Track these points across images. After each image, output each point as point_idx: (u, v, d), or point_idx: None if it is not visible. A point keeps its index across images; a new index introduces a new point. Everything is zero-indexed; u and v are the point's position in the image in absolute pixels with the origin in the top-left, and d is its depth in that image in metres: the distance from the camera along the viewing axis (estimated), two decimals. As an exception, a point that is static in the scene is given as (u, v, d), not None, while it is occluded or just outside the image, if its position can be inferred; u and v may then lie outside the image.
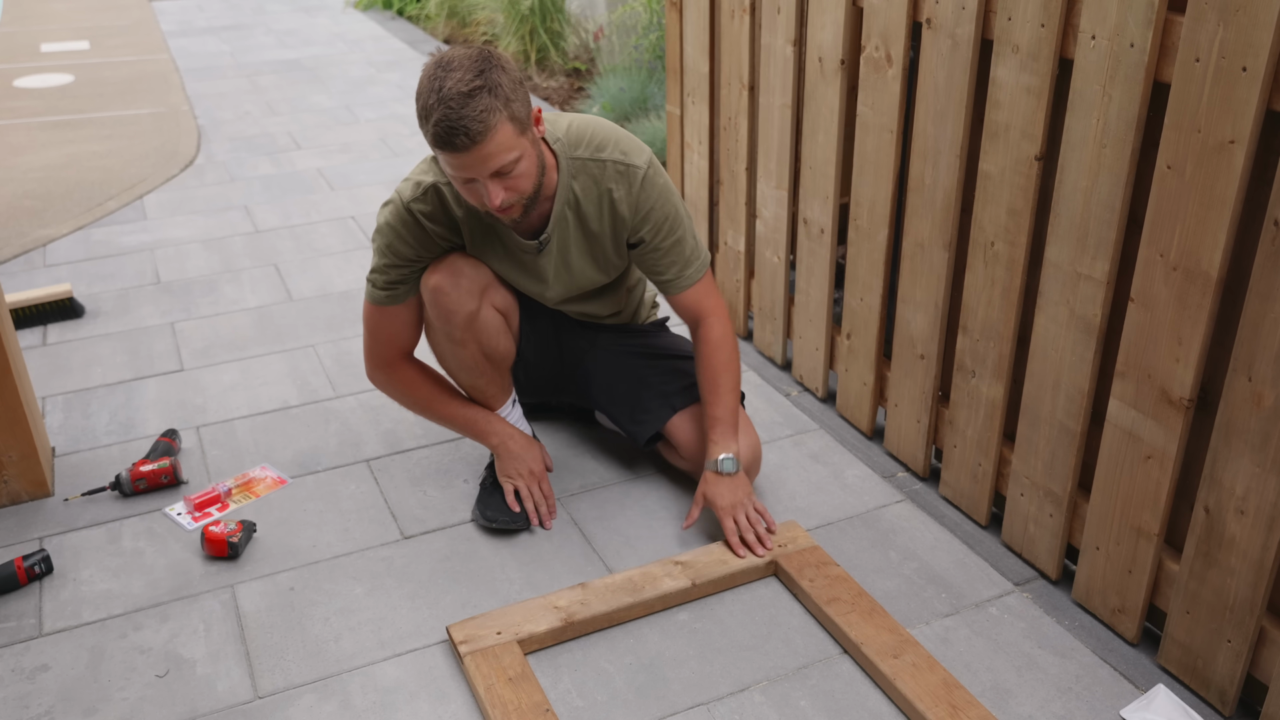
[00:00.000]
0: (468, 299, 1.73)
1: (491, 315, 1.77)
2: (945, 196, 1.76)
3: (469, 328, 1.75)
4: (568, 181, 1.68)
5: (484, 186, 1.52)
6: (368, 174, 3.68)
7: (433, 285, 1.72)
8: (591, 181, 1.69)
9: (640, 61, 4.32)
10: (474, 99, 1.44)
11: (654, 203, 1.71)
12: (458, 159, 1.48)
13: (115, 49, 5.77)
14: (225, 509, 1.92)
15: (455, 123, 1.44)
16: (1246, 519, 1.36)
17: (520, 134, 1.51)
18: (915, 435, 1.98)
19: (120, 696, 1.52)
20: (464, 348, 1.77)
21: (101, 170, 3.74)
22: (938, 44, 1.69)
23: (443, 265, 1.73)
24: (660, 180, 1.72)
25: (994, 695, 1.50)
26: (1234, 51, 1.23)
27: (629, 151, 1.69)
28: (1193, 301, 1.36)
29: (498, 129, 1.46)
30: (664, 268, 1.76)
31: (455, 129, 1.44)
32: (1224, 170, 1.28)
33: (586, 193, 1.69)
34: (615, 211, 1.71)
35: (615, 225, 1.73)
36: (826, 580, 1.66)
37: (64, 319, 2.63)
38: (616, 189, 1.69)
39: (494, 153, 1.48)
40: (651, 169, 1.70)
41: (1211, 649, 1.46)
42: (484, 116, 1.45)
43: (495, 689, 1.47)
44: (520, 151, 1.51)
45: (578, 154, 1.68)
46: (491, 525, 1.82)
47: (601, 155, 1.68)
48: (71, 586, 1.73)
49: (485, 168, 1.49)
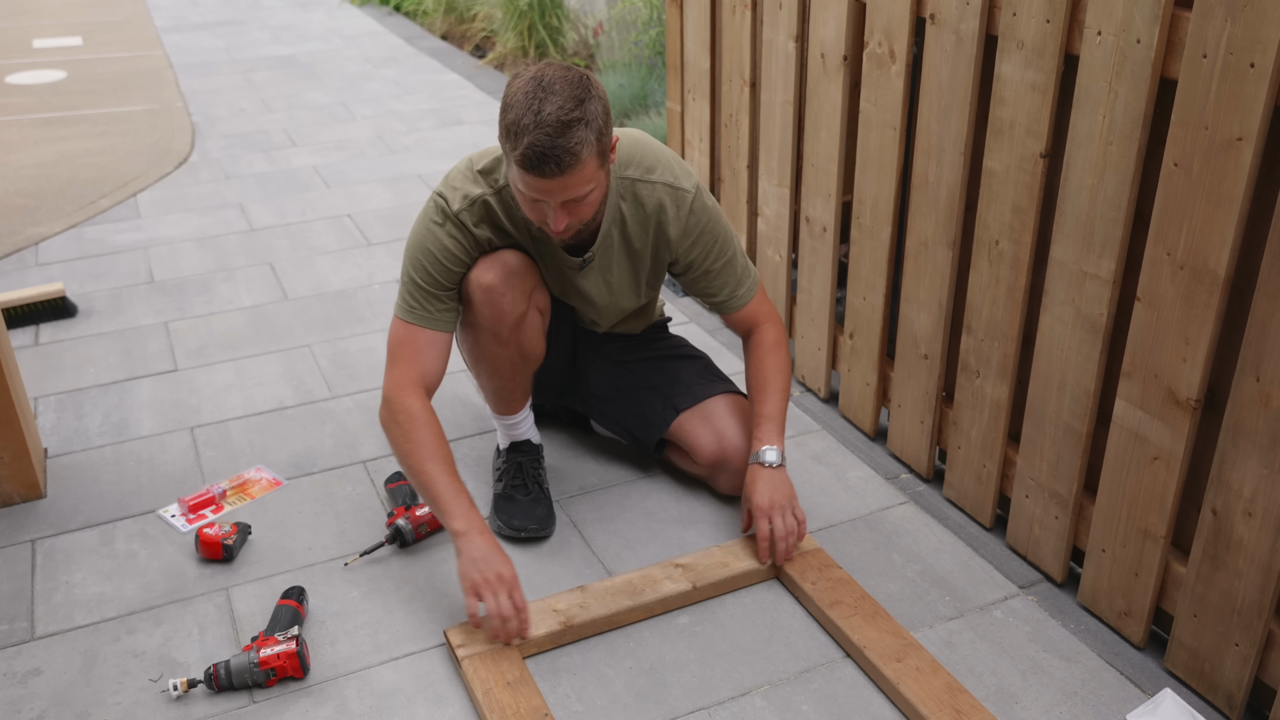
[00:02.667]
0: (520, 300, 1.69)
1: (536, 317, 1.75)
2: (949, 194, 1.74)
3: (516, 328, 1.71)
4: (615, 201, 1.66)
5: (551, 210, 1.50)
6: (364, 171, 3.67)
7: (486, 284, 1.65)
8: (639, 203, 1.67)
9: (640, 57, 4.30)
10: (571, 130, 1.41)
11: (703, 226, 1.70)
12: (540, 184, 1.45)
13: (108, 45, 5.74)
14: (220, 510, 1.90)
15: (549, 150, 1.41)
16: (1254, 521, 1.35)
17: (600, 167, 1.49)
18: (919, 436, 1.96)
19: (113, 701, 1.50)
20: (507, 348, 1.73)
21: (94, 168, 3.71)
22: (941, 39, 1.68)
23: (494, 263, 1.66)
24: (708, 204, 1.71)
25: (999, 699, 1.49)
26: (1242, 47, 1.22)
27: (679, 175, 1.69)
28: (1200, 301, 1.35)
29: (586, 163, 1.45)
30: (717, 289, 1.77)
31: (547, 156, 1.41)
32: (1232, 168, 1.27)
33: (634, 213, 1.68)
34: (661, 234, 1.70)
35: (658, 248, 1.72)
36: (829, 583, 1.65)
37: (56, 318, 2.61)
38: (665, 212, 1.68)
39: (575, 184, 1.46)
40: (699, 193, 1.70)
41: (1219, 653, 1.45)
42: (577, 149, 1.42)
43: (493, 693, 1.46)
44: (596, 184, 1.50)
45: (627, 174, 1.66)
46: (520, 535, 1.80)
47: (651, 177, 1.67)
48: (64, 589, 1.72)
49: (561, 196, 1.47)
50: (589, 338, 1.94)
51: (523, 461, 1.88)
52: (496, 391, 1.83)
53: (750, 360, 1.80)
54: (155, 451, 2.09)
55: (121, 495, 1.95)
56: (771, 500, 1.69)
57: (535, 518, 1.81)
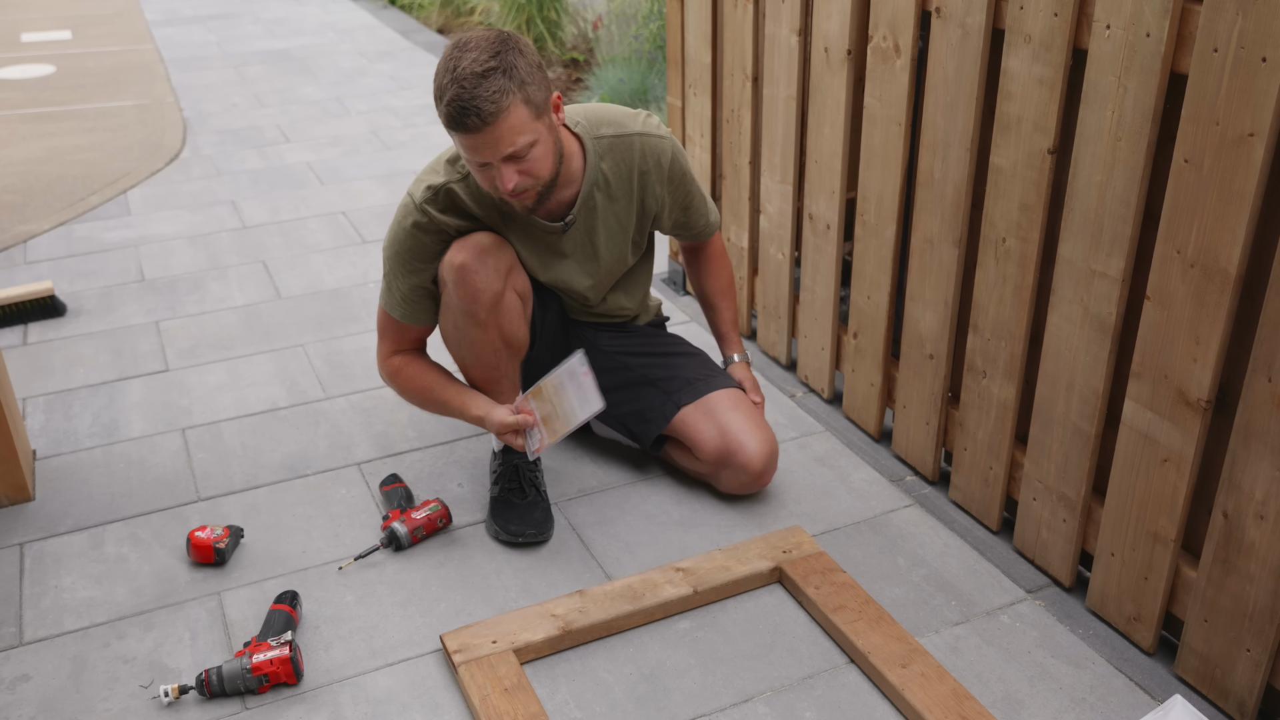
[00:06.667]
0: (495, 278, 1.69)
1: (513, 299, 1.75)
2: (955, 191, 1.72)
3: (494, 309, 1.70)
4: (595, 162, 1.70)
5: (497, 170, 1.52)
6: (359, 168, 3.64)
7: (459, 263, 1.67)
8: (619, 158, 1.72)
9: (640, 52, 4.28)
10: (488, 79, 1.45)
11: (684, 169, 1.81)
12: (469, 140, 1.49)
13: (98, 39, 5.69)
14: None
15: (468, 102, 1.44)
16: (1266, 524, 1.34)
17: (535, 118, 1.51)
18: (924, 438, 1.94)
19: (103, 708, 1.48)
20: (486, 331, 1.72)
21: (84, 164, 3.68)
22: (947, 33, 1.66)
23: (468, 243, 1.68)
24: (681, 150, 1.82)
25: (1005, 706, 1.47)
26: (1253, 41, 1.21)
27: (653, 126, 1.76)
28: (1211, 299, 1.33)
29: (511, 110, 1.46)
30: (694, 221, 1.90)
31: (467, 109, 1.45)
32: (1243, 164, 1.25)
33: (616, 170, 1.73)
34: (646, 184, 1.76)
35: (644, 199, 1.78)
36: (832, 587, 1.63)
37: (45, 318, 2.59)
38: (647, 161, 1.74)
39: (506, 134, 1.48)
40: (674, 139, 1.79)
41: (1230, 658, 1.43)
42: (497, 97, 1.45)
43: (490, 700, 1.44)
44: (535, 136, 1.51)
45: (602, 133, 1.70)
46: (517, 541, 1.78)
47: (627, 130, 1.72)
48: (53, 594, 1.69)
49: (498, 150, 1.49)
50: (582, 331, 1.93)
51: (519, 464, 1.85)
52: (481, 382, 1.82)
53: (705, 271, 2.00)
54: (146, 453, 2.06)
55: (111, 498, 1.93)
56: (740, 379, 1.93)
57: (533, 522, 1.79)
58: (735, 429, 1.81)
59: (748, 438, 1.80)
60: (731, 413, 1.82)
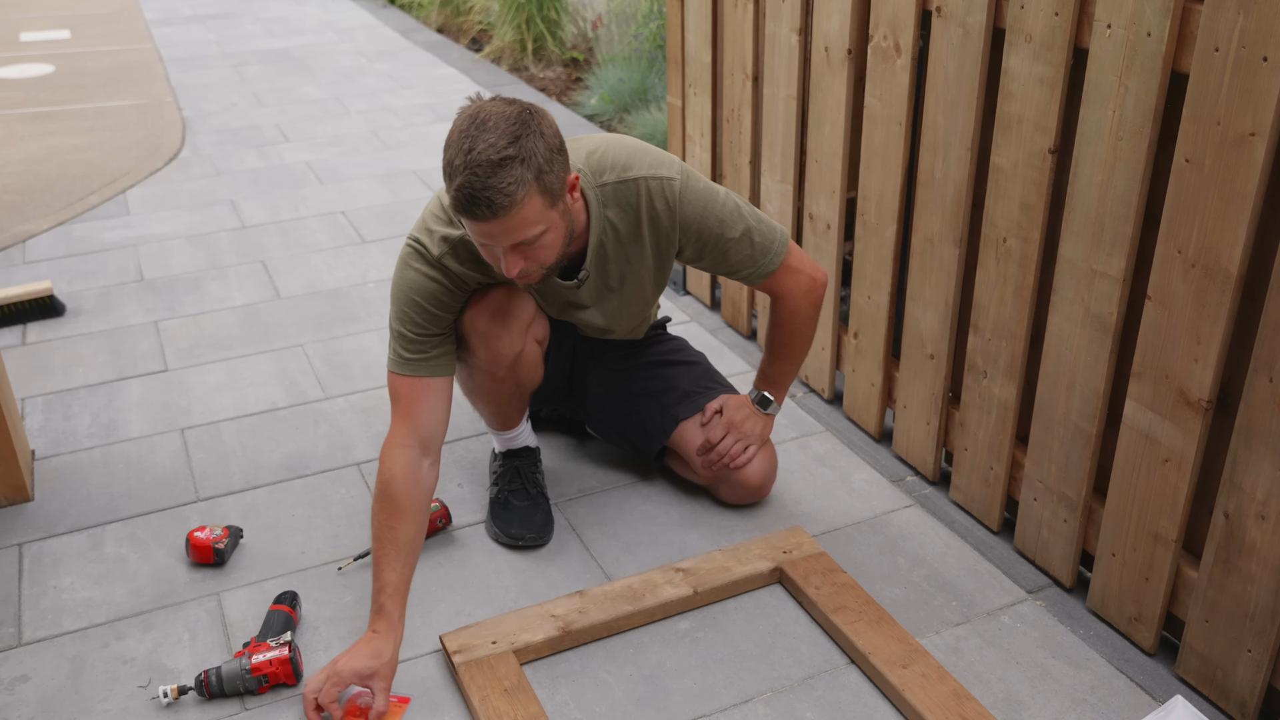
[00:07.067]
0: (517, 340, 1.65)
1: (533, 350, 1.71)
2: (956, 191, 1.72)
3: (514, 365, 1.68)
4: (600, 213, 1.58)
5: (503, 256, 1.42)
6: (358, 168, 3.63)
7: (482, 330, 1.61)
8: (624, 205, 1.59)
9: (640, 51, 4.28)
10: (503, 169, 1.33)
11: (699, 210, 1.62)
12: (477, 227, 1.39)
13: (97, 38, 5.69)
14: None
15: (479, 192, 1.33)
16: (1268, 524, 1.33)
17: (550, 207, 1.40)
18: (925, 438, 1.94)
19: (102, 708, 1.48)
20: (504, 384, 1.71)
21: (83, 164, 3.67)
22: (948, 33, 1.65)
23: (488, 304, 1.61)
24: (698, 186, 1.62)
25: (1006, 707, 1.47)
26: (1255, 41, 1.20)
27: (657, 164, 1.60)
28: (1212, 299, 1.33)
29: (525, 203, 1.36)
30: (736, 268, 1.68)
31: (478, 199, 1.33)
32: (1244, 163, 1.25)
33: (622, 218, 1.60)
34: (657, 228, 1.62)
35: (658, 243, 1.65)
36: (833, 588, 1.62)
37: (44, 317, 2.58)
38: (654, 205, 1.60)
39: (517, 227, 1.37)
40: (686, 177, 1.62)
41: (1231, 659, 1.43)
42: (511, 190, 1.34)
43: (490, 700, 1.44)
44: (547, 225, 1.41)
45: (605, 180, 1.58)
46: (517, 544, 1.77)
47: (630, 174, 1.58)
48: (51, 594, 1.69)
49: (505, 240, 1.39)
50: (588, 346, 1.91)
51: (520, 465, 1.85)
52: (493, 416, 1.82)
53: (770, 325, 1.82)
54: (145, 453, 2.06)
55: (110, 498, 1.92)
56: (742, 419, 1.80)
57: (533, 525, 1.78)
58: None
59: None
60: None
